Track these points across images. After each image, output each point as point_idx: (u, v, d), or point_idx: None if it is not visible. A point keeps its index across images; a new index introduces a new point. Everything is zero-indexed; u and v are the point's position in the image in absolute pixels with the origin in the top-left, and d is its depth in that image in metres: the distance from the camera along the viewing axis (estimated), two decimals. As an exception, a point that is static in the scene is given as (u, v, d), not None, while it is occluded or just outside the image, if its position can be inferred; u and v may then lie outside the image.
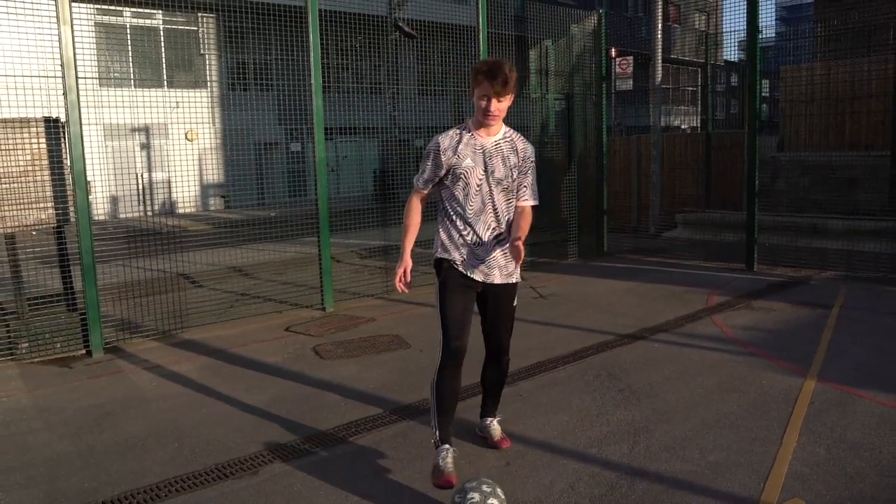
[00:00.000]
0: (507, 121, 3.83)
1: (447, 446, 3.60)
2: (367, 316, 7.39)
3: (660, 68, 13.62)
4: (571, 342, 6.18)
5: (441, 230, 3.76)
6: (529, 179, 3.77)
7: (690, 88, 36.00)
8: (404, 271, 3.70)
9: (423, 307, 7.50)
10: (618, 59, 16.56)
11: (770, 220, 10.38)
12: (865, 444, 3.96)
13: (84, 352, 6.28)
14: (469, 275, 3.68)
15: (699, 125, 16.36)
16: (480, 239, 3.68)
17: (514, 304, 3.89)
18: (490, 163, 3.65)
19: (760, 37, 9.33)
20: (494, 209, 3.68)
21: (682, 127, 33.52)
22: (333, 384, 5.30)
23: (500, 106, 3.57)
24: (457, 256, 3.68)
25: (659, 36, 13.70)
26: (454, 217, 3.69)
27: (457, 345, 3.60)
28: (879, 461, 3.76)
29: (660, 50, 13.65)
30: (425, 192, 3.78)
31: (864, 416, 4.36)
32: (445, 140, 3.67)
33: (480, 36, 8.86)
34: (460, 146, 3.65)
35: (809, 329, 6.42)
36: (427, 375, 5.34)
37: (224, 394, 5.16)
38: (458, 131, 3.70)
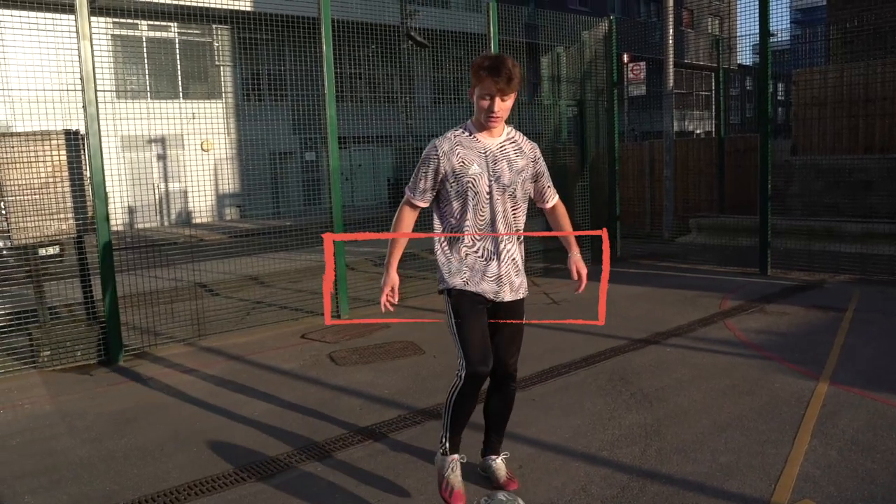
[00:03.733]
0: (521, 128, 3.67)
1: (456, 456, 3.52)
2: (381, 323, 7.47)
3: (672, 73, 13.64)
4: (584, 347, 6.22)
5: (440, 255, 3.43)
6: (548, 177, 3.53)
7: (704, 93, 35.95)
8: (392, 289, 3.45)
9: (437, 313, 7.57)
10: (630, 65, 16.59)
11: (784, 224, 10.38)
12: (877, 446, 3.98)
13: (104, 359, 6.39)
14: (479, 292, 3.36)
15: (713, 130, 16.36)
16: (490, 254, 3.36)
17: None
18: (495, 167, 3.32)
19: (773, 40, 9.35)
20: (504, 219, 3.36)
21: (697, 132, 33.45)
22: (349, 389, 5.38)
23: (505, 105, 3.24)
24: (458, 282, 3.36)
25: (671, 41, 13.73)
26: (459, 234, 3.36)
27: (481, 370, 3.30)
28: (891, 462, 3.78)
29: (671, 55, 13.67)
30: (421, 204, 3.41)
31: (875, 419, 4.38)
32: (445, 143, 3.32)
33: (492, 43, 8.94)
34: (463, 150, 3.31)
35: (822, 332, 6.42)
36: (441, 381, 5.43)
37: (242, 399, 5.25)
38: (457, 133, 3.35)
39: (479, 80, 3.19)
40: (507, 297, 3.41)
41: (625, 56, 17.46)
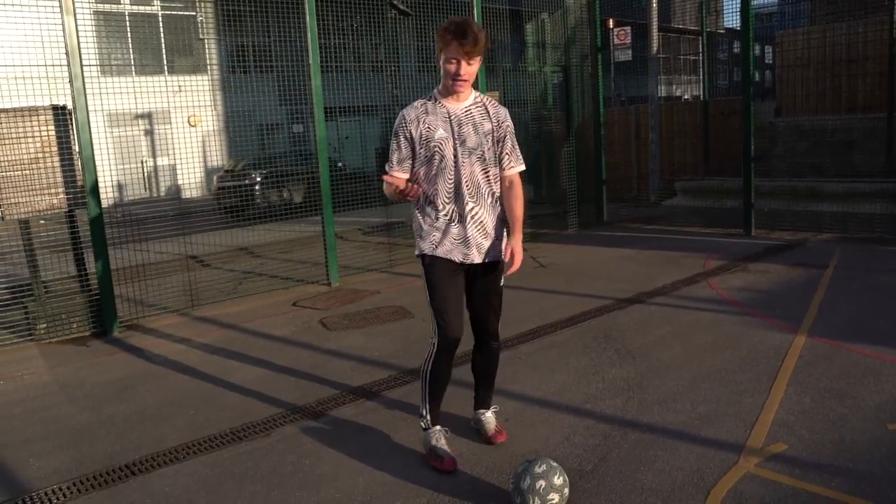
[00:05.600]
0: (506, 95, 3.68)
1: (438, 427, 3.62)
2: (371, 289, 7.59)
3: (656, 37, 13.66)
4: (570, 308, 6.35)
5: (416, 218, 3.52)
6: (509, 144, 3.51)
7: (691, 57, 35.87)
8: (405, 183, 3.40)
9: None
10: (615, 30, 16.57)
11: (768, 186, 10.50)
12: (849, 393, 4.15)
13: (99, 331, 6.50)
14: (449, 257, 3.44)
15: (701, 93, 16.41)
16: (458, 216, 3.42)
17: (502, 283, 3.62)
18: (460, 131, 3.39)
19: (760, 2, 9.40)
20: (471, 182, 3.42)
21: (685, 96, 33.44)
22: (340, 353, 5.51)
23: (470, 70, 3.30)
24: (427, 246, 3.46)
25: (655, 4, 13.72)
26: (432, 197, 3.43)
27: (452, 335, 3.44)
28: (861, 408, 3.94)
29: (656, 19, 13.67)
30: (402, 175, 3.46)
31: (850, 368, 4.54)
32: (411, 112, 3.42)
33: (475, 10, 8.96)
34: (429, 116, 3.40)
35: (803, 288, 6.58)
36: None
37: (235, 365, 5.38)
38: (423, 101, 3.45)
39: (446, 43, 3.26)
40: (477, 259, 3.47)
41: (609, 21, 17.42)
